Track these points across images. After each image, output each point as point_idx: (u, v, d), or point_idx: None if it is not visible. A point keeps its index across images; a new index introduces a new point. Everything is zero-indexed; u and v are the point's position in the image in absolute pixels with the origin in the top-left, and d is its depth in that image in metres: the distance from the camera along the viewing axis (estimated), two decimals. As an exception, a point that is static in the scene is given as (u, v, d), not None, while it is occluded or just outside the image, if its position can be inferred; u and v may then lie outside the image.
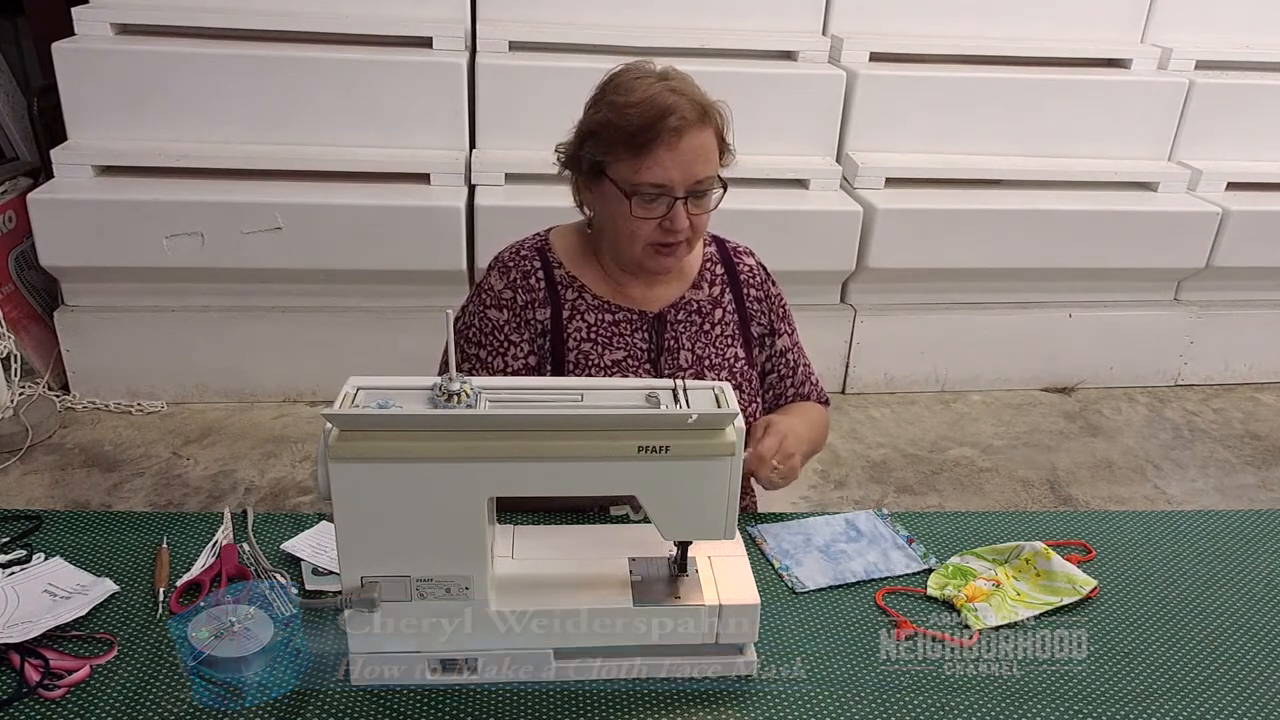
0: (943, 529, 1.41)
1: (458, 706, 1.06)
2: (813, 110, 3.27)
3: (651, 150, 1.31)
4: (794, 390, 1.60)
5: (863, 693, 1.10)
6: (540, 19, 3.25)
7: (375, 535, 1.02)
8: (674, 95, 1.32)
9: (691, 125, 1.32)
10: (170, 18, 3.06)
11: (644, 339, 1.48)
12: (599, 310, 1.47)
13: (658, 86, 1.33)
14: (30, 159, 3.39)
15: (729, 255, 1.56)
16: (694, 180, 1.34)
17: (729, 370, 1.51)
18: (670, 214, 1.35)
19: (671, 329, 1.49)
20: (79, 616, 1.14)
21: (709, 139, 1.35)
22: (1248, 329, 3.61)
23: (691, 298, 1.51)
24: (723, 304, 1.52)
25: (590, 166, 1.38)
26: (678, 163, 1.32)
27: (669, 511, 1.06)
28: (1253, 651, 1.20)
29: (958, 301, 3.45)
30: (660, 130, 1.30)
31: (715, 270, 1.54)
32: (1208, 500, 2.92)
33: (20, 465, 2.77)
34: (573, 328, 1.46)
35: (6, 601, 1.16)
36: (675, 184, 1.33)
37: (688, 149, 1.32)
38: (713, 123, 1.36)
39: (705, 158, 1.34)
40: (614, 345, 1.47)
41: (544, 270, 1.47)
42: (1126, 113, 3.43)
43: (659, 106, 1.30)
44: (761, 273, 1.58)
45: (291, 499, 2.70)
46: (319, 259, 2.97)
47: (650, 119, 1.30)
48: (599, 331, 1.46)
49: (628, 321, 1.47)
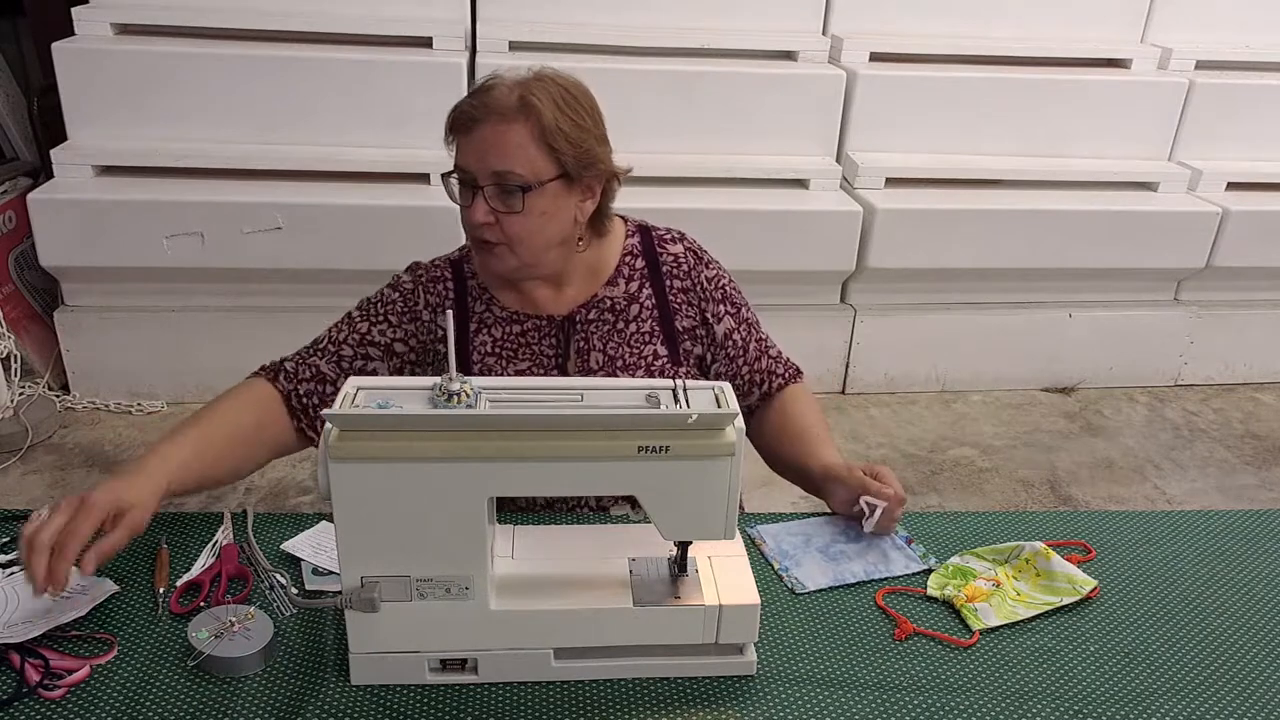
0: (943, 529, 1.41)
1: (458, 706, 1.06)
2: (813, 110, 3.27)
3: (461, 134, 1.33)
4: (750, 370, 1.53)
5: (863, 693, 1.10)
6: (540, 19, 3.25)
7: (375, 535, 1.02)
8: (502, 88, 1.31)
9: (489, 115, 1.29)
10: (170, 18, 3.06)
11: (551, 345, 1.46)
12: (506, 322, 1.45)
13: (492, 79, 1.34)
14: (30, 159, 3.39)
15: (653, 245, 1.50)
16: (489, 171, 1.31)
17: (646, 370, 1.46)
18: (472, 204, 1.33)
19: (581, 330, 1.45)
20: (79, 616, 1.14)
21: (514, 134, 1.29)
22: (1248, 329, 3.61)
23: (605, 295, 1.46)
24: (639, 299, 1.47)
25: None
26: (475, 150, 1.31)
27: (669, 511, 1.06)
28: (1253, 651, 1.20)
29: (958, 301, 3.45)
30: (467, 115, 1.31)
31: (634, 265, 1.48)
32: (1208, 500, 2.92)
33: (20, 465, 2.77)
34: (478, 341, 1.45)
35: (6, 601, 1.15)
36: (474, 171, 1.32)
37: (483, 137, 1.30)
38: (531, 121, 1.29)
39: (505, 153, 1.29)
40: (519, 356, 1.45)
41: (455, 282, 1.47)
42: (1126, 113, 3.43)
43: (479, 95, 1.32)
44: (689, 259, 1.50)
45: (291, 499, 2.70)
46: (319, 259, 2.97)
47: (466, 103, 1.32)
48: (504, 345, 1.45)
49: (535, 329, 1.45)
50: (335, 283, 3.06)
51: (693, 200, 3.07)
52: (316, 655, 1.11)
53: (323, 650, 1.12)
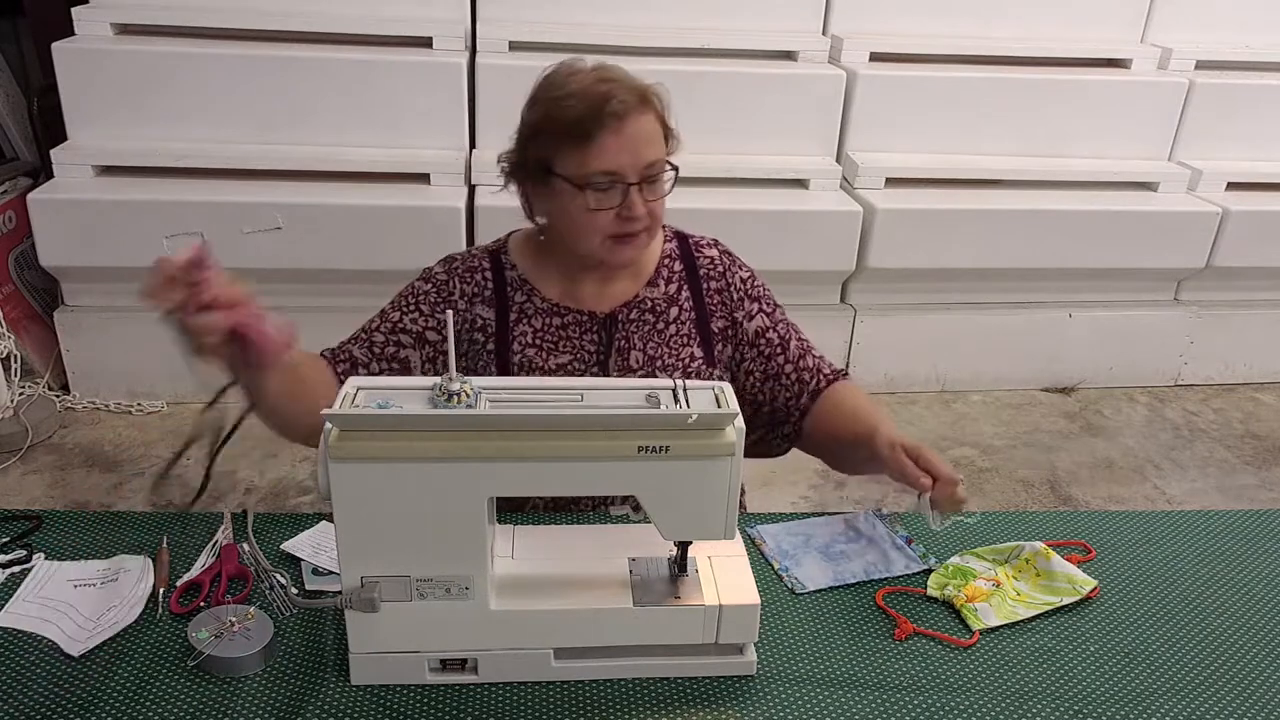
0: (943, 529, 1.40)
1: (458, 706, 1.06)
2: (813, 110, 3.27)
3: (596, 138, 1.29)
4: (793, 368, 1.49)
5: (863, 693, 1.10)
6: (540, 19, 3.25)
7: (375, 535, 1.02)
8: (609, 83, 1.31)
9: (632, 109, 1.30)
10: (170, 18, 3.06)
11: (593, 341, 1.46)
12: (547, 314, 1.45)
13: (591, 77, 1.33)
14: (30, 159, 3.39)
15: (690, 250, 1.53)
16: (644, 164, 1.32)
17: (683, 371, 1.47)
18: (626, 202, 1.33)
19: (623, 329, 1.46)
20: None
21: (652, 123, 1.33)
22: (1248, 329, 3.61)
23: (646, 296, 1.47)
24: (679, 302, 1.49)
25: (536, 166, 1.36)
26: (625, 147, 1.30)
27: (669, 511, 1.06)
28: (1253, 651, 1.20)
29: (958, 301, 3.45)
30: (602, 116, 1.29)
31: (673, 267, 1.50)
32: (1208, 500, 2.92)
33: (20, 465, 2.77)
34: (518, 331, 1.44)
35: (73, 608, 1.18)
36: (626, 170, 1.31)
37: (632, 133, 1.30)
38: (653, 106, 1.33)
39: (651, 141, 1.33)
40: (560, 349, 1.45)
41: (493, 271, 1.46)
42: (1126, 113, 3.43)
43: (597, 94, 1.29)
44: (724, 261, 1.53)
45: (291, 499, 2.70)
46: (319, 259, 2.97)
47: (590, 106, 1.29)
48: (545, 336, 1.45)
49: (577, 324, 1.45)
50: (335, 283, 3.07)
51: (693, 200, 3.07)
52: (316, 655, 1.11)
53: (323, 650, 1.12)
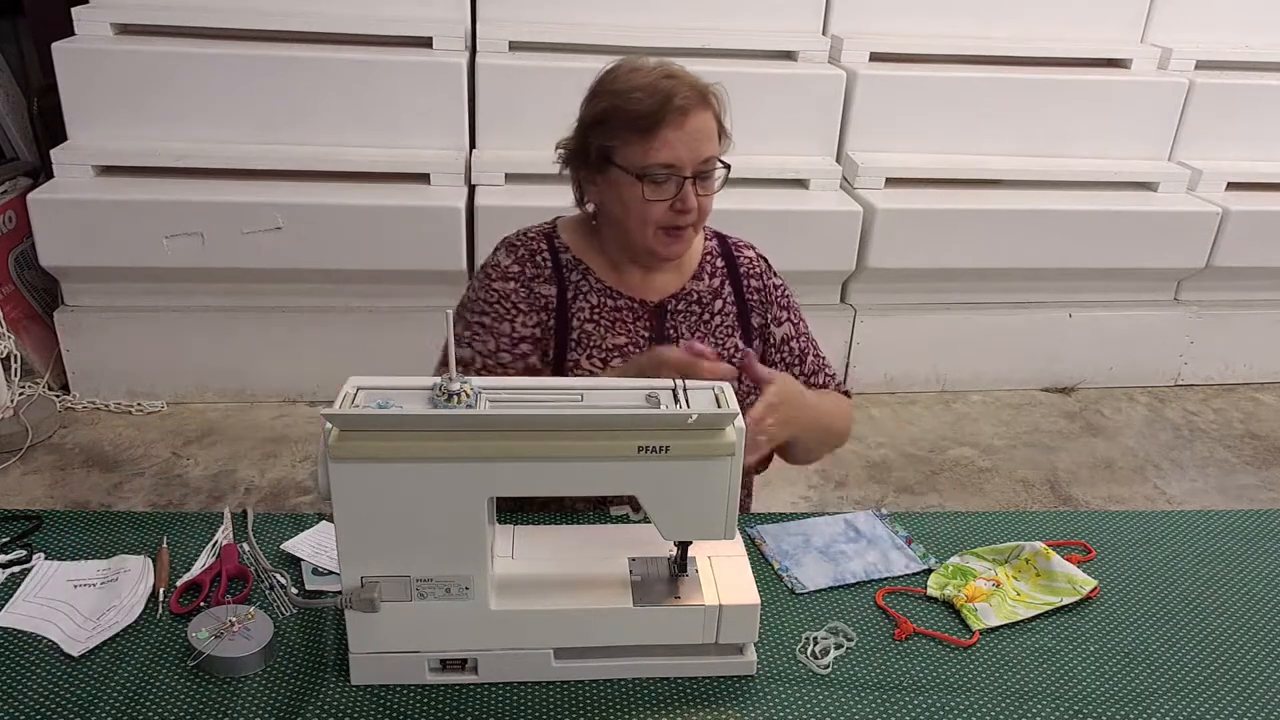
0: (943, 529, 1.41)
1: (458, 706, 1.06)
2: (813, 110, 3.27)
3: (659, 131, 1.34)
4: (804, 379, 1.59)
5: (863, 693, 1.10)
6: (540, 19, 3.25)
7: (375, 535, 1.02)
8: (673, 79, 1.36)
9: (695, 105, 1.36)
10: (170, 18, 3.06)
11: (645, 328, 1.49)
12: (602, 294, 1.48)
13: (656, 73, 1.37)
14: (30, 159, 3.39)
15: (729, 249, 1.58)
16: (700, 159, 1.37)
17: (728, 361, 1.49)
18: (680, 194, 1.37)
19: (671, 319, 1.50)
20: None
21: (710, 120, 1.39)
22: (1248, 329, 3.61)
23: (692, 288, 1.52)
24: (723, 295, 1.54)
25: (597, 155, 1.40)
26: (685, 142, 1.35)
27: (669, 511, 1.06)
28: (1253, 651, 1.20)
29: (958, 301, 3.45)
30: (667, 110, 1.34)
31: (715, 263, 1.55)
32: (1208, 500, 2.92)
33: (20, 465, 2.77)
34: (576, 307, 1.47)
35: (73, 608, 1.17)
36: (684, 163, 1.36)
37: (693, 128, 1.36)
38: (711, 105, 1.39)
39: (709, 137, 1.38)
40: (616, 329, 1.48)
41: (550, 253, 1.49)
42: (1126, 113, 3.43)
43: (663, 89, 1.34)
44: (762, 264, 1.59)
45: (291, 499, 2.70)
46: (319, 259, 2.97)
47: (657, 101, 1.34)
48: (602, 314, 1.48)
49: (629, 309, 1.49)
50: (335, 283, 3.07)
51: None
52: (316, 655, 1.11)
53: (323, 650, 1.12)
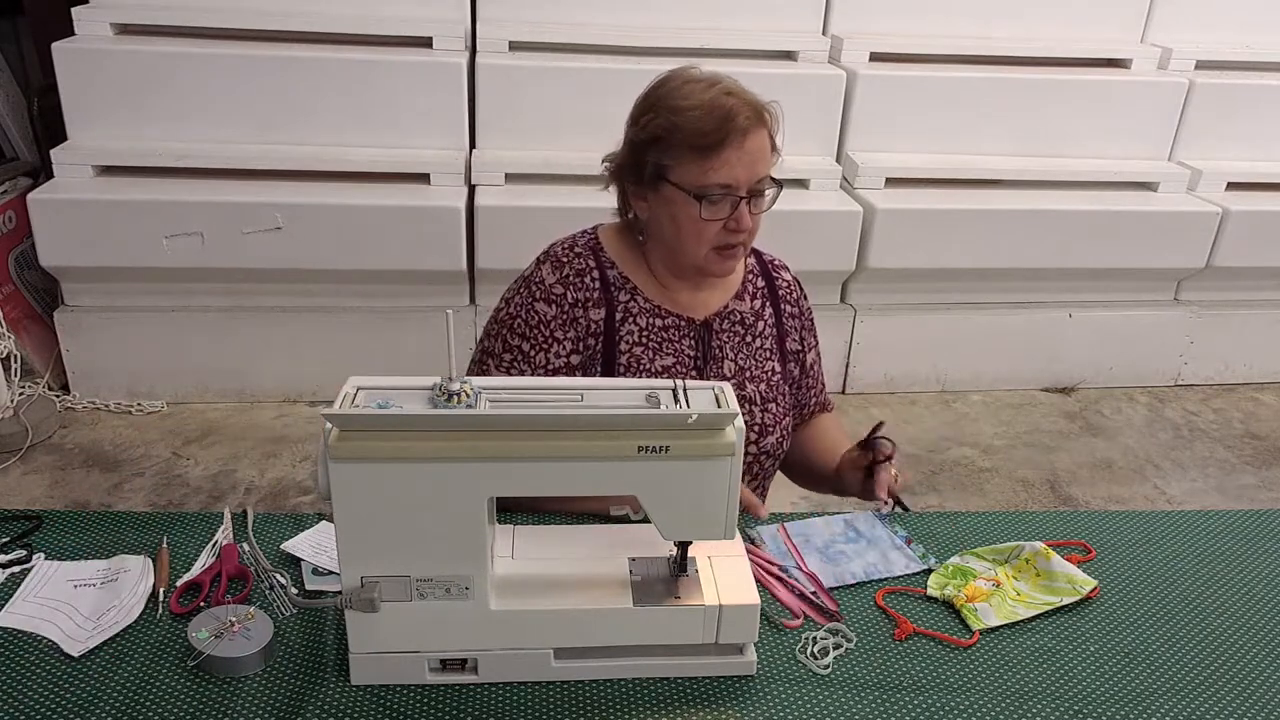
0: (943, 529, 1.41)
1: (458, 706, 1.06)
2: (813, 110, 3.27)
3: (719, 152, 1.33)
4: (815, 400, 1.67)
5: (863, 693, 1.10)
6: (540, 19, 3.25)
7: (375, 535, 1.02)
8: (732, 98, 1.34)
9: (753, 125, 1.34)
10: (170, 18, 3.06)
11: (691, 346, 1.49)
12: (650, 314, 1.47)
13: (715, 90, 1.35)
14: (30, 159, 3.39)
15: (768, 269, 1.58)
16: (756, 180, 1.36)
17: (767, 383, 1.53)
18: (735, 214, 1.36)
19: (716, 337, 1.50)
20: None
21: (766, 139, 1.37)
22: (1248, 329, 3.61)
23: (735, 308, 1.52)
24: (764, 317, 1.55)
25: (653, 171, 1.38)
26: (744, 162, 1.34)
27: (669, 511, 1.06)
28: (1253, 651, 1.20)
29: (958, 301, 3.45)
30: (728, 131, 1.32)
31: (757, 283, 1.56)
32: (1208, 500, 2.92)
33: (20, 465, 2.77)
34: (625, 330, 1.46)
35: (73, 608, 1.17)
36: (740, 184, 1.35)
37: (751, 149, 1.34)
38: (767, 123, 1.37)
39: (765, 157, 1.37)
40: (664, 351, 1.47)
41: (598, 270, 1.46)
42: (1126, 113, 3.43)
43: (723, 108, 1.32)
44: (797, 289, 1.62)
45: (291, 499, 2.70)
46: (319, 259, 2.97)
47: (718, 121, 1.32)
48: (650, 336, 1.47)
49: (676, 328, 1.48)
50: (335, 283, 3.07)
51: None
52: (316, 655, 1.11)
53: (323, 650, 1.12)
